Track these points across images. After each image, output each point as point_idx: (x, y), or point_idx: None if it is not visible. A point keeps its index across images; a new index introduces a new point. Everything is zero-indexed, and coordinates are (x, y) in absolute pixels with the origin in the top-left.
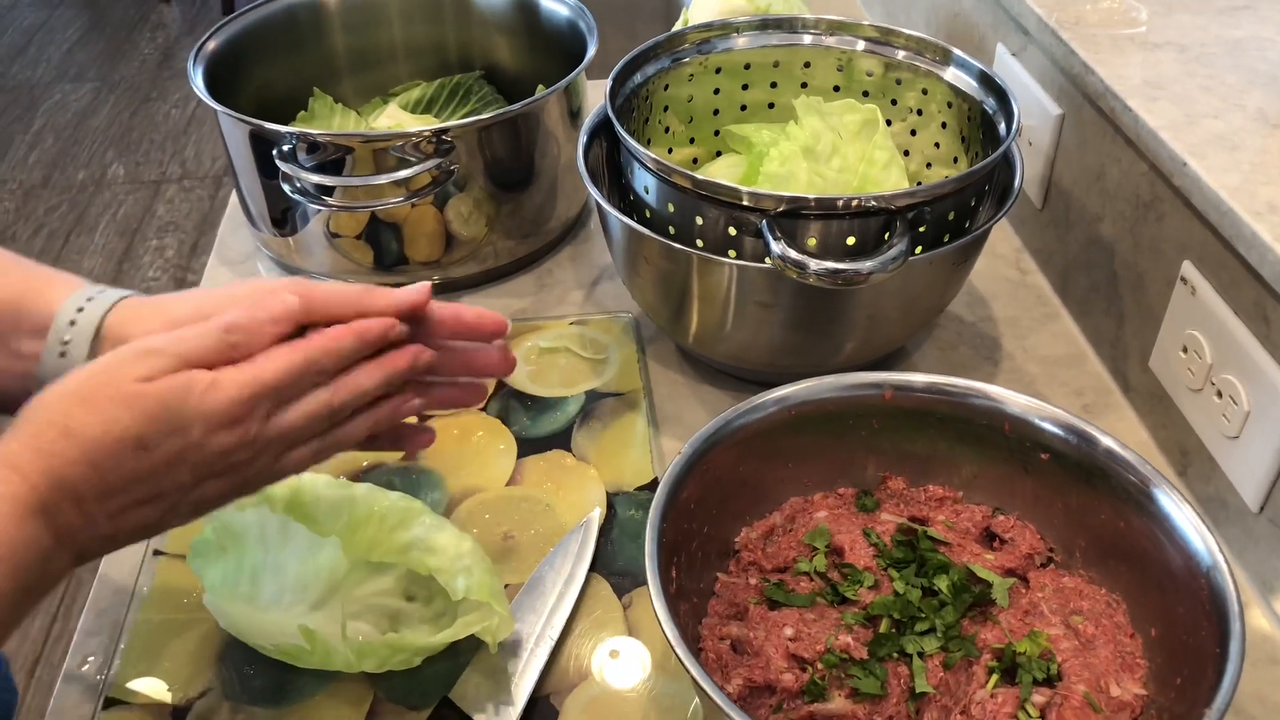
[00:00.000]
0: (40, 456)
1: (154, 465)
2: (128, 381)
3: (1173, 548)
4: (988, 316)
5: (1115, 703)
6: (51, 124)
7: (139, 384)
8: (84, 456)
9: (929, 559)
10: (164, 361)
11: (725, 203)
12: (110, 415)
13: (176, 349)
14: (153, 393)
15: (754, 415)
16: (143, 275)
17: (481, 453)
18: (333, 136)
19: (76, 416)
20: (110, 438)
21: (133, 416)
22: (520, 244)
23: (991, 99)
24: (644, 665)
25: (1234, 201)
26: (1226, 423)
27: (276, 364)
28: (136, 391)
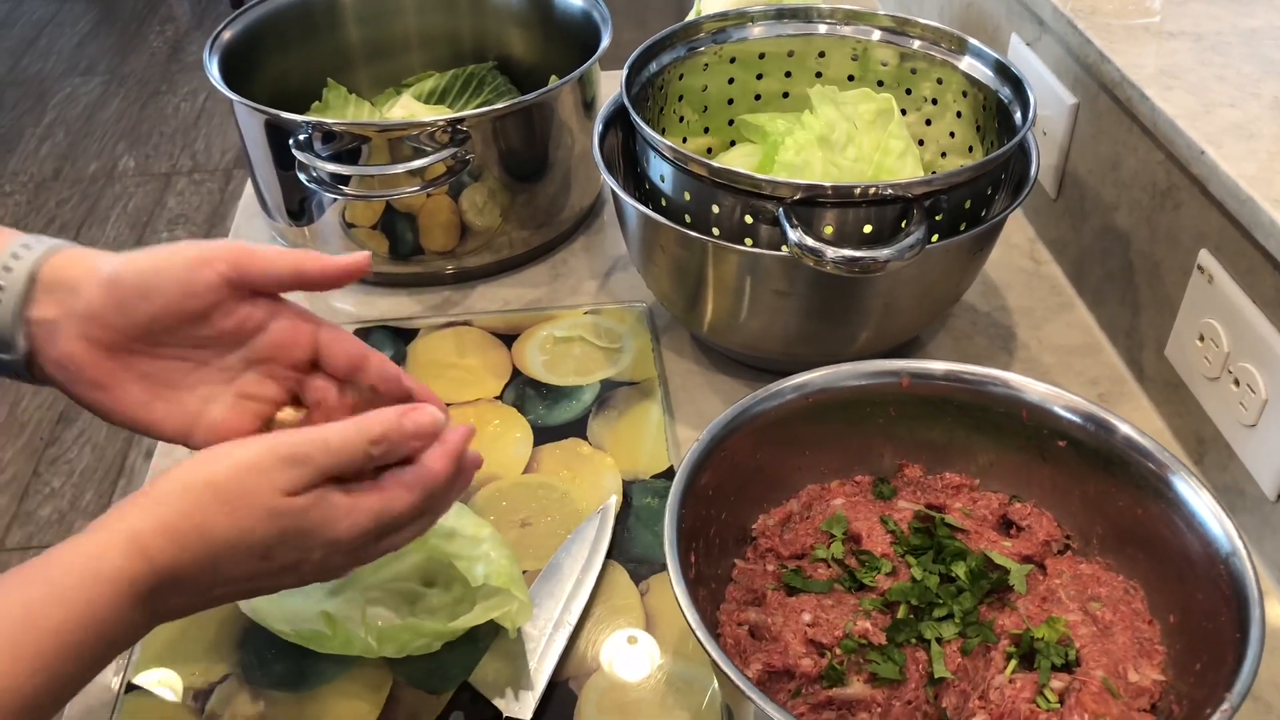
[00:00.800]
0: (173, 547)
1: (266, 571)
2: (272, 493)
3: (1191, 534)
4: (1002, 306)
5: (1134, 688)
6: (62, 117)
7: (283, 498)
8: (210, 556)
9: (946, 546)
10: (309, 474)
11: (742, 191)
12: (248, 525)
13: (322, 462)
14: (296, 511)
15: (772, 402)
16: None
17: (498, 441)
18: (348, 126)
19: (218, 518)
20: (244, 545)
21: (270, 530)
22: (534, 234)
23: (1007, 88)
24: (661, 651)
25: (1252, 189)
26: (1244, 411)
27: (406, 496)
28: (279, 508)
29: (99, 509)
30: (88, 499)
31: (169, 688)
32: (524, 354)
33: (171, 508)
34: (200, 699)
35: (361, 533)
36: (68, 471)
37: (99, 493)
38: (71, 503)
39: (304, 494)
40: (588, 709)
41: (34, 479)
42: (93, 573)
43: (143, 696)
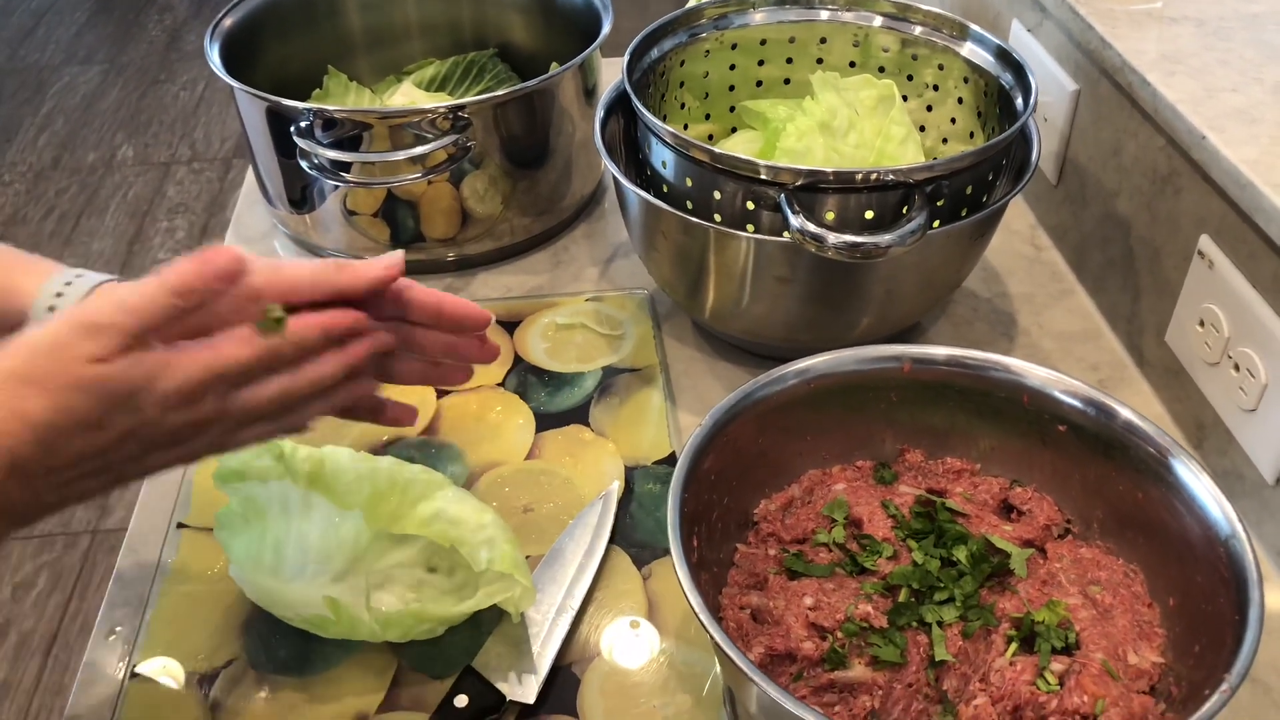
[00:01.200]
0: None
1: (105, 443)
2: (80, 363)
3: (1191, 517)
4: (1003, 292)
5: (1133, 670)
6: (61, 106)
7: (93, 365)
8: (37, 439)
9: (947, 530)
10: (114, 339)
11: (743, 176)
12: (65, 400)
13: (125, 324)
14: (110, 375)
15: (775, 387)
16: (153, 257)
17: (500, 427)
18: (349, 113)
19: (30, 400)
20: (65, 422)
21: (89, 401)
22: (535, 221)
23: (1009, 74)
24: (664, 635)
25: (1253, 174)
26: (1244, 395)
27: (235, 350)
28: (92, 375)
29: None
30: None
31: (173, 674)
32: (526, 341)
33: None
34: (205, 684)
35: (194, 385)
36: None
37: None
38: None
39: (115, 359)
40: (590, 693)
41: None
42: None
43: (148, 683)
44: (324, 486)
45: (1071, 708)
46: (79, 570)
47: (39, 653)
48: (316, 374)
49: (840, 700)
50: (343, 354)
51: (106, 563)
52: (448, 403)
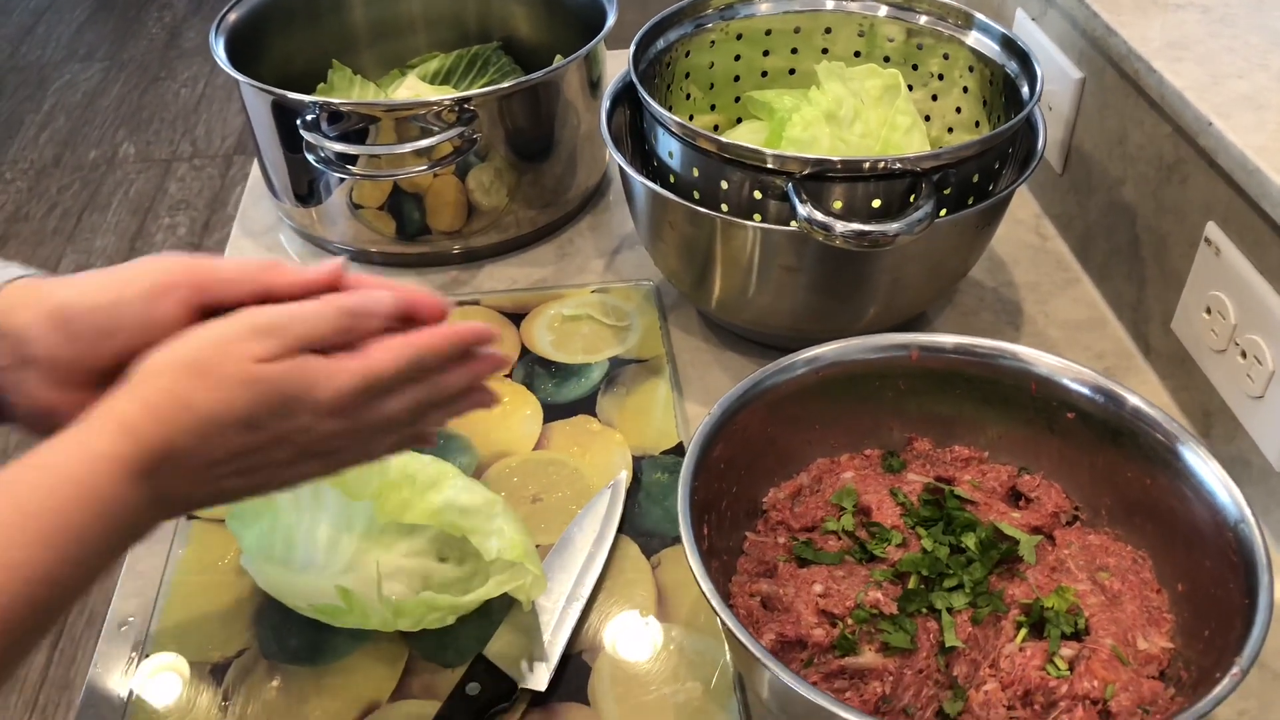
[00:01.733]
0: (157, 424)
1: (259, 443)
2: (247, 361)
3: (1199, 503)
4: (1008, 281)
5: (1142, 655)
6: (62, 103)
7: (259, 365)
8: (197, 429)
9: (956, 517)
10: (280, 343)
11: (750, 166)
12: (230, 394)
13: (295, 330)
14: (273, 377)
15: (783, 376)
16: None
17: (508, 418)
18: (355, 106)
19: (197, 391)
20: (228, 415)
21: (251, 397)
22: (541, 213)
23: (1014, 63)
24: (674, 623)
25: (1260, 160)
26: (1251, 383)
27: (389, 358)
28: (257, 374)
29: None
30: None
31: (185, 665)
32: (532, 332)
33: (151, 386)
34: (217, 674)
35: (348, 393)
36: None
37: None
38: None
39: (279, 361)
40: (601, 681)
41: None
42: (81, 455)
43: (160, 673)
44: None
45: (1081, 692)
46: None
47: (45, 646)
48: (450, 384)
49: (851, 686)
50: (471, 369)
51: None
52: None
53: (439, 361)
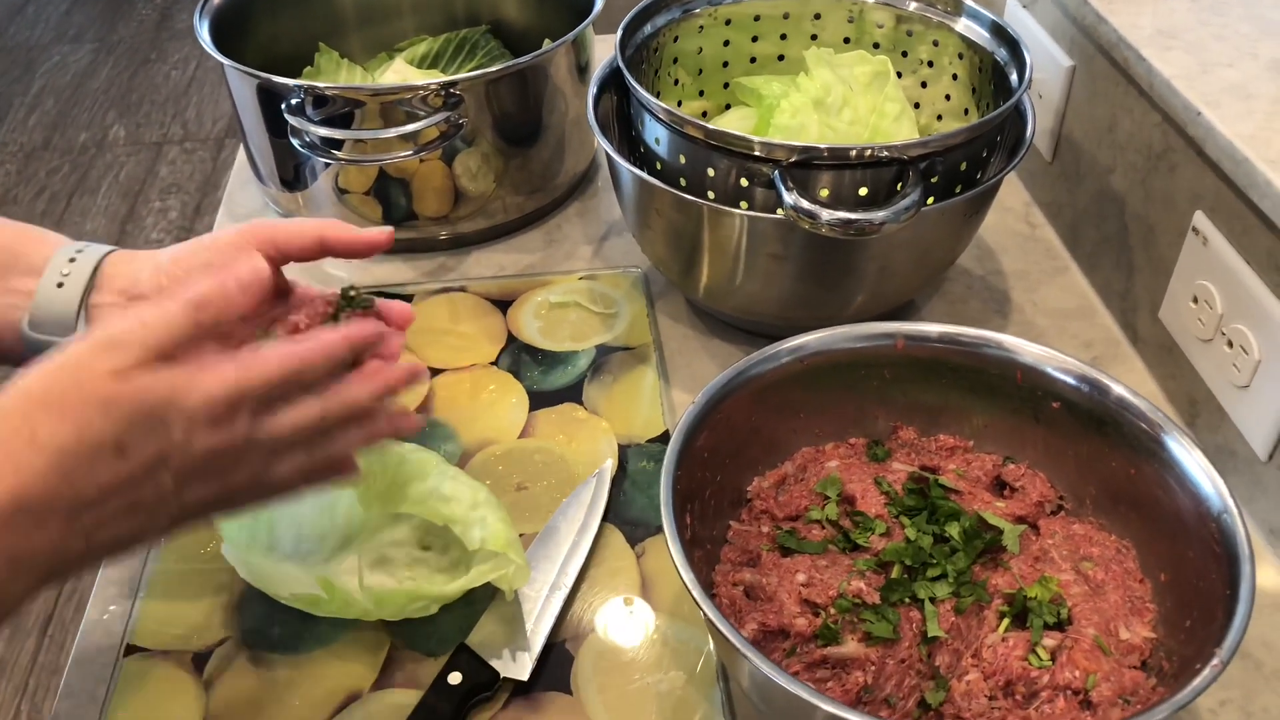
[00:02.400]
0: (3, 472)
1: (132, 472)
2: (99, 380)
3: (1183, 493)
4: (996, 270)
5: (1124, 645)
6: (51, 85)
7: (112, 383)
8: (54, 468)
9: (940, 506)
10: (134, 354)
11: (737, 153)
12: (83, 420)
13: (145, 339)
14: (129, 393)
15: (768, 365)
16: (146, 236)
17: (493, 406)
18: (341, 90)
19: (44, 424)
20: (84, 445)
21: (108, 420)
22: (528, 199)
23: (1003, 50)
24: (657, 612)
25: (1248, 149)
26: (1236, 372)
27: (264, 366)
28: (111, 393)
29: None
30: None
31: (169, 650)
32: (519, 320)
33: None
34: (199, 662)
35: (221, 399)
36: None
37: None
38: None
39: (135, 374)
40: (584, 669)
41: None
42: None
43: (142, 659)
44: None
45: (1063, 682)
46: None
47: (35, 631)
48: (349, 395)
49: (833, 676)
50: (377, 377)
51: None
52: (441, 382)
53: (330, 366)
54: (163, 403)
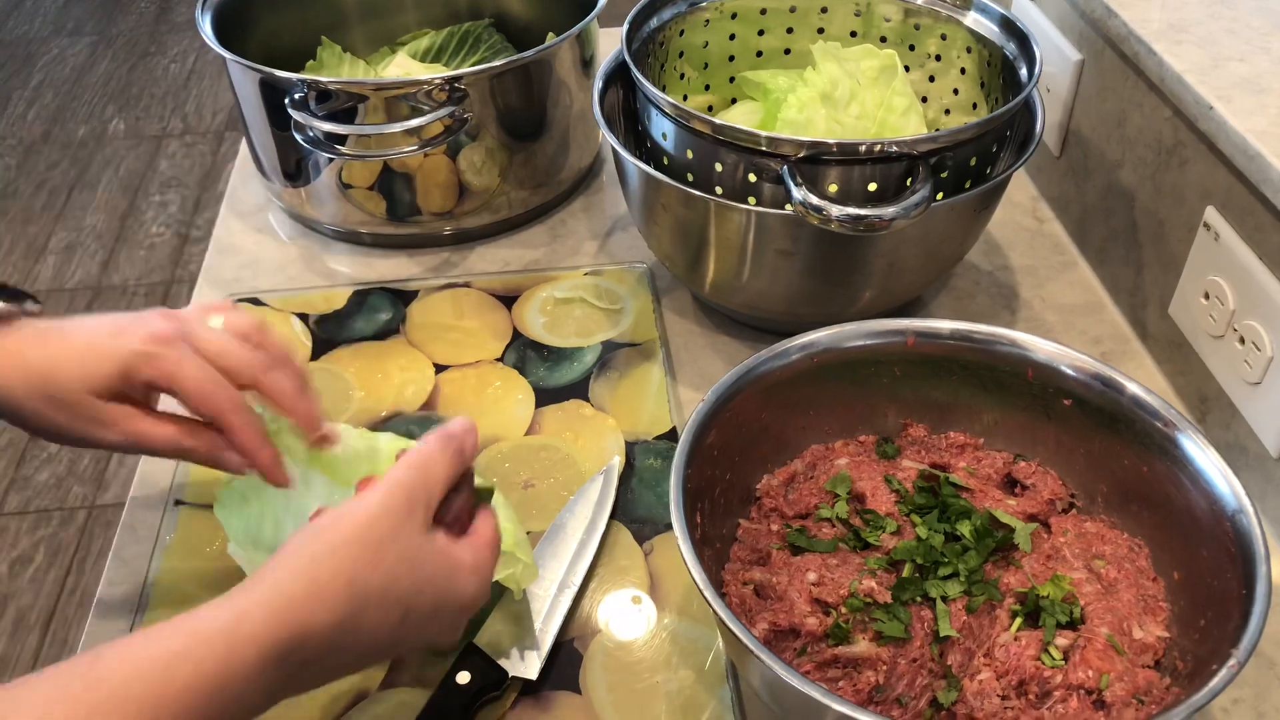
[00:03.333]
0: (319, 607)
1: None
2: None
3: (1197, 492)
4: (1005, 265)
5: (1138, 645)
6: (50, 79)
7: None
8: (353, 609)
9: (951, 505)
10: (426, 510)
11: (745, 148)
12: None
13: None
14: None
15: (778, 362)
16: (146, 231)
17: (499, 402)
18: (344, 84)
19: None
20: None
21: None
22: (533, 194)
23: (1012, 44)
24: (666, 610)
25: (1261, 144)
26: (1248, 369)
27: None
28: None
29: (96, 473)
30: (85, 463)
31: None
32: (524, 315)
33: (323, 567)
34: None
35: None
36: None
37: (96, 457)
38: (69, 467)
39: (433, 537)
40: (593, 668)
41: (30, 444)
42: (232, 631)
43: None
44: (323, 463)
45: (1076, 682)
46: (76, 545)
47: (37, 628)
48: None
49: (844, 675)
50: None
51: (104, 538)
52: (446, 378)
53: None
54: (451, 569)
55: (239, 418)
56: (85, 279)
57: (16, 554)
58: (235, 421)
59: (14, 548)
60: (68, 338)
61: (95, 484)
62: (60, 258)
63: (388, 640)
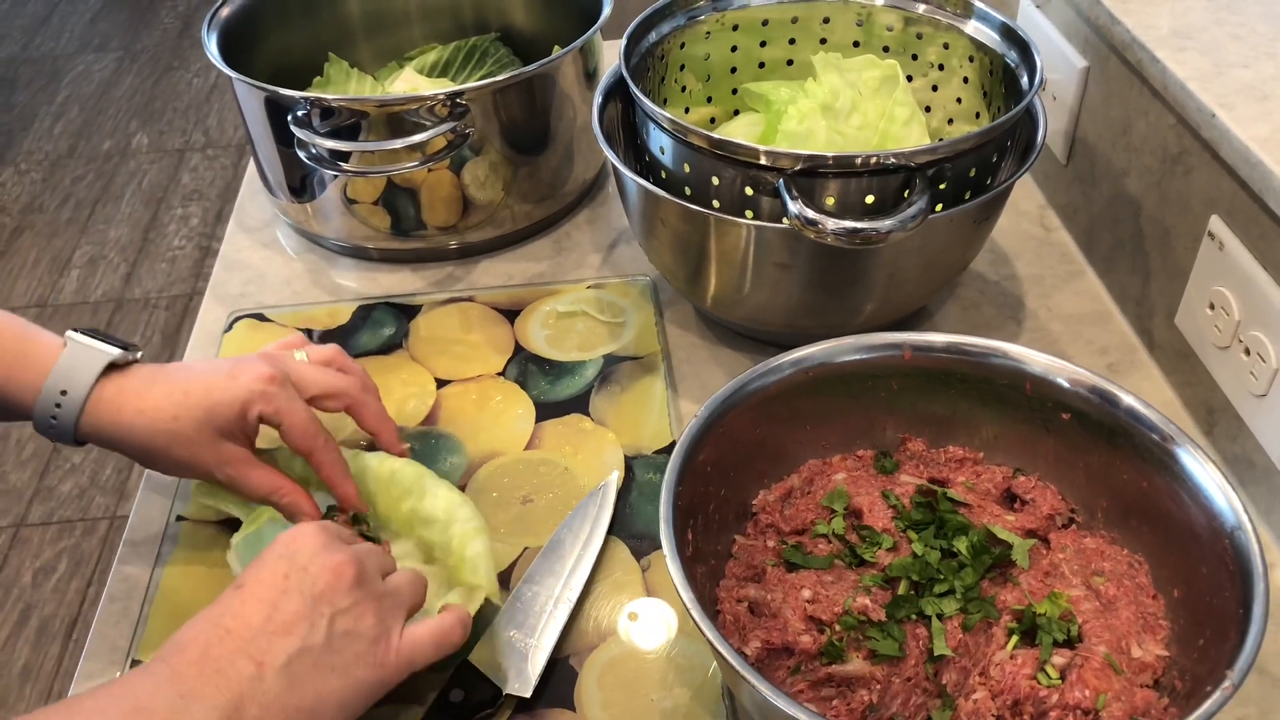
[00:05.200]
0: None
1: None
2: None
3: (1196, 508)
4: (1011, 275)
5: (1136, 664)
6: (76, 95)
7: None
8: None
9: (948, 520)
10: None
11: (742, 162)
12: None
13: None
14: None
15: (771, 378)
16: (168, 244)
17: (500, 417)
18: (346, 101)
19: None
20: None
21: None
22: (537, 207)
23: (1014, 52)
24: (663, 627)
25: (1264, 153)
26: (1254, 380)
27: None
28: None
29: (119, 484)
30: (107, 474)
31: None
32: (527, 329)
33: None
34: None
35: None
36: (87, 447)
37: (118, 467)
38: (92, 478)
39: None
40: (588, 685)
41: (54, 455)
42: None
43: None
44: (317, 486)
45: (1073, 702)
46: (98, 555)
47: (60, 636)
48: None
49: (838, 694)
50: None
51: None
52: (447, 393)
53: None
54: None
55: (330, 455)
56: (108, 292)
57: (40, 564)
58: (328, 458)
59: (38, 558)
60: (185, 380)
61: (117, 494)
62: (84, 271)
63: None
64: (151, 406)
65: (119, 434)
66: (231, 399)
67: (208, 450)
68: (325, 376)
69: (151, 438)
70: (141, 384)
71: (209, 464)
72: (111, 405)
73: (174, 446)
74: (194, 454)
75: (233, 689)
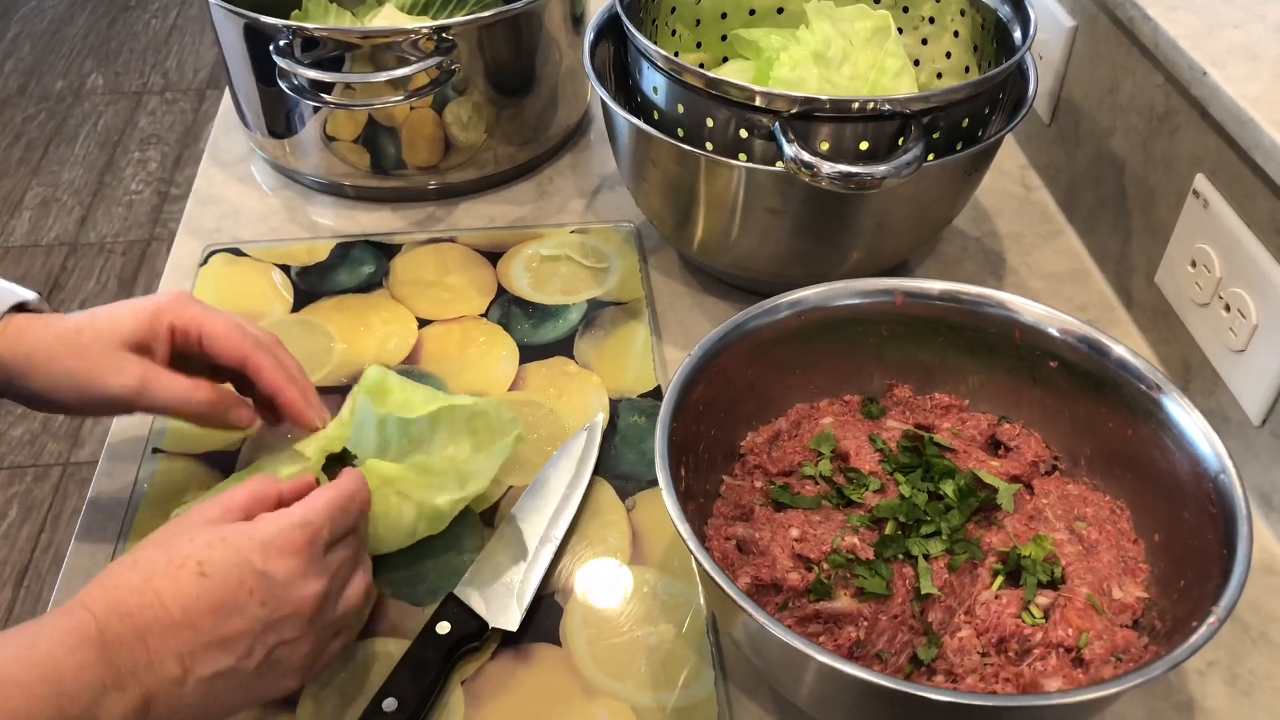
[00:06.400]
0: (104, 589)
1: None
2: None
3: (1180, 454)
4: (992, 232)
5: (1117, 605)
6: (27, 31)
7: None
8: (145, 583)
9: (935, 464)
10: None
11: (737, 104)
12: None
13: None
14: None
15: (766, 319)
16: (125, 188)
17: (483, 358)
18: (331, 32)
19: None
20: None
21: (194, 546)
22: (520, 150)
23: (1006, 6)
24: (647, 566)
25: (1254, 110)
26: (1233, 336)
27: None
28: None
29: (71, 430)
30: (60, 419)
31: None
32: (509, 272)
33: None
34: None
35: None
36: None
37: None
38: (44, 424)
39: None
40: (573, 622)
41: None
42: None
43: None
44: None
45: (1056, 640)
46: (50, 502)
47: (10, 584)
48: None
49: (825, 630)
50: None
51: (78, 495)
52: (429, 333)
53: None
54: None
55: (266, 357)
56: (62, 235)
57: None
58: (263, 360)
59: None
60: (94, 309)
61: (70, 441)
62: (36, 213)
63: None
64: (56, 327)
65: (17, 363)
66: (138, 308)
67: (108, 361)
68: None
69: (51, 358)
70: (50, 318)
71: (109, 376)
72: (16, 332)
73: (72, 358)
74: (89, 366)
75: (152, 687)
